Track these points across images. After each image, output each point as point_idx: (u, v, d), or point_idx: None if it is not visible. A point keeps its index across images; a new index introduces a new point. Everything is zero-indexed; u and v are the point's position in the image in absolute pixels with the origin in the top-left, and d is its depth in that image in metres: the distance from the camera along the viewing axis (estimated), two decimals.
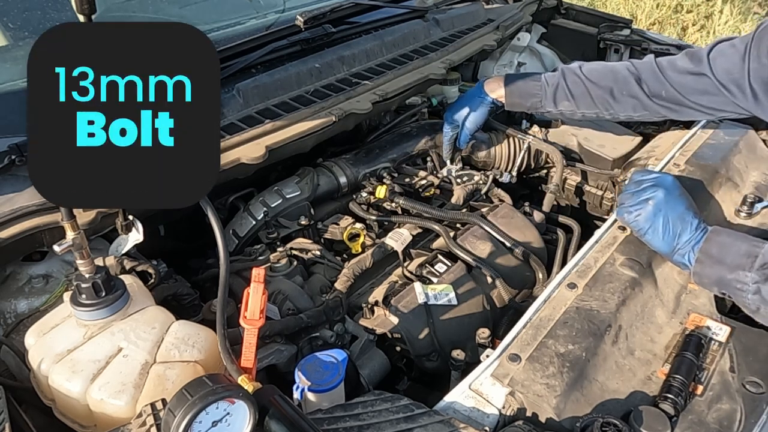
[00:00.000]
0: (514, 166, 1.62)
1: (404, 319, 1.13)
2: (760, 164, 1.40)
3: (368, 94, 1.39)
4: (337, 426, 0.80)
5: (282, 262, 1.21)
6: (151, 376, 0.83)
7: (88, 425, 0.85)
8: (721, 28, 4.61)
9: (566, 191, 1.64)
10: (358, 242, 1.30)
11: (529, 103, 1.42)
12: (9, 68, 1.31)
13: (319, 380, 0.91)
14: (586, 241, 1.19)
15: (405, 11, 1.71)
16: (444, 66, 1.56)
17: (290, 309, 1.13)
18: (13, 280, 1.06)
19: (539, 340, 0.94)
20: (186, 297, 1.12)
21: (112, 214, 1.03)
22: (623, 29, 1.97)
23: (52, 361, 0.84)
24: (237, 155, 1.16)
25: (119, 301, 0.89)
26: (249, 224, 1.31)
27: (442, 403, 0.87)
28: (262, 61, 1.39)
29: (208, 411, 0.68)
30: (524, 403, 0.86)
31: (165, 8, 1.70)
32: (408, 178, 1.51)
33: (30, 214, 0.98)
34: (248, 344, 0.80)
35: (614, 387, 0.91)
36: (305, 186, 1.37)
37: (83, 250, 0.84)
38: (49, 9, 1.46)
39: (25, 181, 1.01)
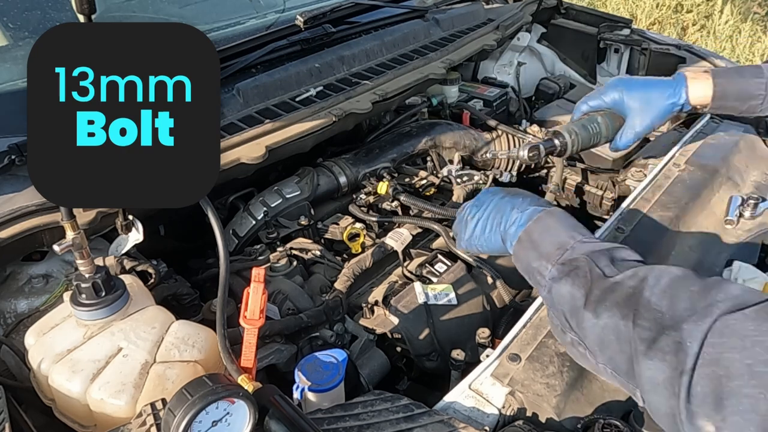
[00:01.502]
0: (514, 165, 1.62)
1: (404, 319, 1.13)
2: (760, 164, 1.40)
3: (368, 94, 1.39)
4: (337, 426, 0.80)
5: (282, 262, 1.21)
6: (151, 376, 0.83)
7: (88, 425, 0.85)
8: (721, 28, 4.61)
9: (566, 191, 1.64)
10: (358, 242, 1.30)
11: (746, 106, 1.10)
12: (9, 68, 1.31)
13: (319, 380, 0.91)
14: None
15: (405, 11, 1.71)
16: (444, 66, 1.56)
17: (290, 309, 1.13)
18: (13, 280, 1.06)
19: (539, 340, 0.94)
20: (186, 297, 1.12)
21: (112, 214, 1.03)
22: (623, 29, 1.97)
23: (52, 360, 0.84)
24: (237, 155, 1.16)
25: (119, 301, 0.89)
26: (249, 224, 1.31)
27: (442, 403, 0.87)
28: (262, 61, 1.39)
29: (208, 411, 0.68)
30: (524, 403, 0.86)
31: (165, 8, 1.70)
32: (408, 178, 1.51)
33: (30, 214, 0.98)
34: (248, 344, 0.80)
35: (614, 386, 0.91)
36: (305, 186, 1.37)
37: (83, 249, 0.84)
38: (49, 9, 1.46)
39: (25, 181, 1.01)
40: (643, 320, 0.63)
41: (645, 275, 0.67)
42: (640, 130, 1.10)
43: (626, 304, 0.66)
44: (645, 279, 0.67)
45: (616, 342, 0.66)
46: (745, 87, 1.09)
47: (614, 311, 0.67)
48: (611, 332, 0.67)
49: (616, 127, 1.11)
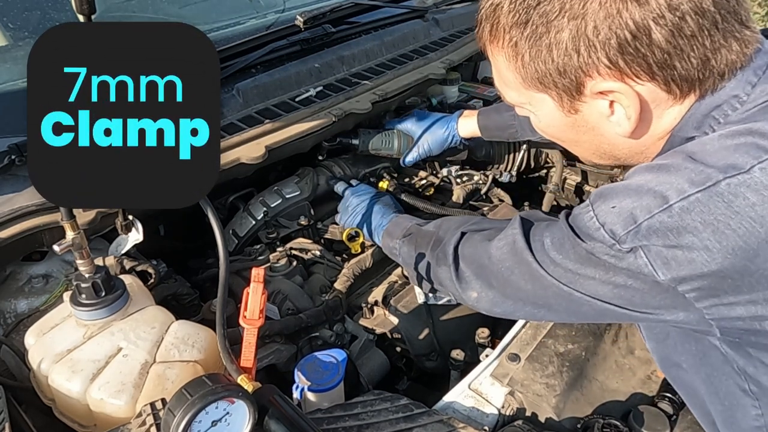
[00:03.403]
0: (514, 165, 1.62)
1: (404, 319, 1.13)
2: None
3: (368, 94, 1.39)
4: (337, 426, 0.80)
5: (282, 262, 1.21)
6: (151, 376, 0.83)
7: (88, 425, 0.85)
8: None
9: (566, 191, 1.64)
10: (358, 242, 1.30)
11: (506, 134, 1.40)
12: (9, 68, 1.31)
13: (319, 380, 0.91)
14: None
15: (405, 11, 1.71)
16: (444, 66, 1.56)
17: (290, 309, 1.13)
18: (13, 280, 1.06)
19: (539, 340, 0.94)
20: (186, 297, 1.12)
21: (112, 214, 1.03)
22: None
23: (52, 360, 0.84)
24: (237, 155, 1.16)
25: (119, 301, 0.89)
26: (249, 224, 1.31)
27: (441, 403, 0.88)
28: (262, 61, 1.39)
29: (208, 411, 0.68)
30: (524, 403, 0.86)
31: (165, 8, 1.70)
32: (408, 178, 1.51)
33: (30, 214, 0.98)
34: (248, 344, 0.80)
35: (614, 386, 0.91)
36: (305, 186, 1.37)
37: (83, 249, 0.84)
38: (49, 9, 1.46)
39: (25, 181, 1.01)
40: (433, 244, 0.98)
41: (440, 222, 1.04)
42: (422, 152, 1.45)
43: (426, 235, 1.04)
44: (439, 224, 1.04)
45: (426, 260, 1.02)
46: (500, 120, 1.38)
47: (422, 241, 1.04)
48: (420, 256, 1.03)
49: (407, 145, 1.44)
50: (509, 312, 0.85)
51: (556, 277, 0.73)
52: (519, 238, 0.78)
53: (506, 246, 0.80)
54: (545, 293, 0.76)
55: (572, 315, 0.79)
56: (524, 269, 0.77)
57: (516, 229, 0.79)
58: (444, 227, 1.01)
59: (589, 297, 0.72)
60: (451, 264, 0.90)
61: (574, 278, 0.72)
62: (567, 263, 0.72)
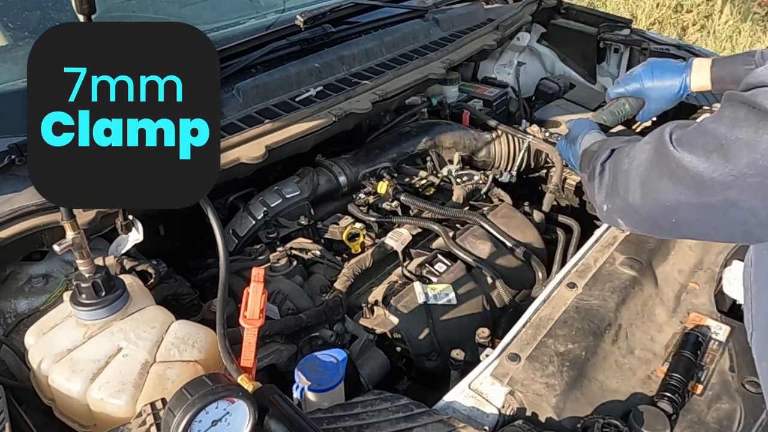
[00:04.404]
0: (514, 165, 1.62)
1: (404, 319, 1.13)
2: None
3: (368, 93, 1.39)
4: (337, 425, 0.80)
5: (282, 262, 1.21)
6: (151, 376, 0.83)
7: (88, 425, 0.85)
8: (721, 28, 4.61)
9: (566, 191, 1.63)
10: (358, 242, 1.30)
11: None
12: (9, 68, 1.31)
13: (319, 380, 0.91)
14: (586, 241, 1.19)
15: (405, 11, 1.71)
16: (444, 66, 1.56)
17: (290, 309, 1.13)
18: (13, 280, 1.06)
19: (539, 340, 0.94)
20: (186, 297, 1.12)
21: (112, 214, 1.03)
22: (623, 29, 1.97)
23: (52, 360, 0.84)
24: (237, 155, 1.16)
25: (119, 301, 0.89)
26: (249, 224, 1.31)
27: (441, 403, 0.88)
28: (262, 61, 1.39)
29: (208, 410, 0.68)
30: (524, 403, 0.86)
31: (165, 8, 1.70)
32: (408, 178, 1.51)
33: (30, 214, 0.98)
34: (248, 344, 0.80)
35: (614, 386, 0.91)
36: (305, 186, 1.37)
37: (83, 249, 0.85)
38: (49, 9, 1.46)
39: (25, 181, 1.01)
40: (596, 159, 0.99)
41: (603, 142, 1.09)
42: (654, 111, 1.36)
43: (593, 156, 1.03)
44: (601, 143, 1.07)
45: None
46: (736, 72, 1.26)
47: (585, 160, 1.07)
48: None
49: (639, 106, 1.37)
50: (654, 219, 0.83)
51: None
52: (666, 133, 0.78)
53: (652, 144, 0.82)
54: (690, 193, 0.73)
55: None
56: (663, 167, 0.77)
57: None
58: (604, 146, 1.03)
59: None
60: (596, 177, 0.94)
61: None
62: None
